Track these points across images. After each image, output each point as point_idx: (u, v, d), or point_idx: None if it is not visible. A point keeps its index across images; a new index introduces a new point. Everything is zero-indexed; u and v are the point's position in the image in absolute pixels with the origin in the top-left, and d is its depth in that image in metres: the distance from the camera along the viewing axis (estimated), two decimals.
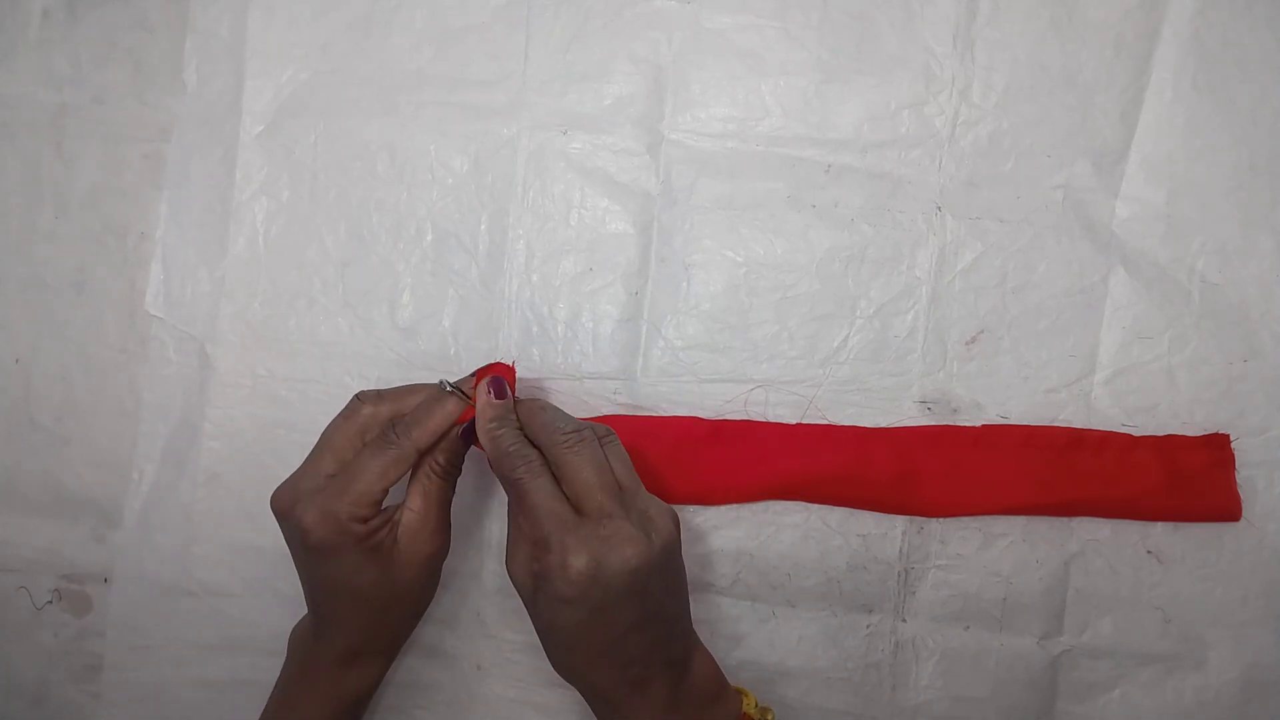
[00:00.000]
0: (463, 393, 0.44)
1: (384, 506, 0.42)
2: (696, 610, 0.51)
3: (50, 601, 0.54)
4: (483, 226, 0.52)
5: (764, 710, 0.44)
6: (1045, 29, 0.49)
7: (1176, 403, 0.49)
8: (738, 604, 0.51)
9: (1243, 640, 0.49)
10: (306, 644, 0.46)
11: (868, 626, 0.50)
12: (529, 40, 0.51)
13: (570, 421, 0.41)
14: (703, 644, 0.44)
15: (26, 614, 0.54)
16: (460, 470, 0.45)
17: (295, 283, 0.52)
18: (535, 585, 0.39)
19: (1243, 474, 0.49)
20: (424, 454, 0.43)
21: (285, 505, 0.41)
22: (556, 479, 0.40)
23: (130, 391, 0.53)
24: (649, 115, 0.51)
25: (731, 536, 0.51)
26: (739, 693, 0.44)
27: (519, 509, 0.40)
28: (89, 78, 0.53)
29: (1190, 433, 0.49)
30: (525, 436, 0.41)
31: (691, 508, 0.50)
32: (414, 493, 0.43)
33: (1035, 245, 0.49)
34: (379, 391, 0.44)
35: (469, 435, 0.43)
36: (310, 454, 0.43)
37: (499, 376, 0.44)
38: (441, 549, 0.45)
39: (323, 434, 0.43)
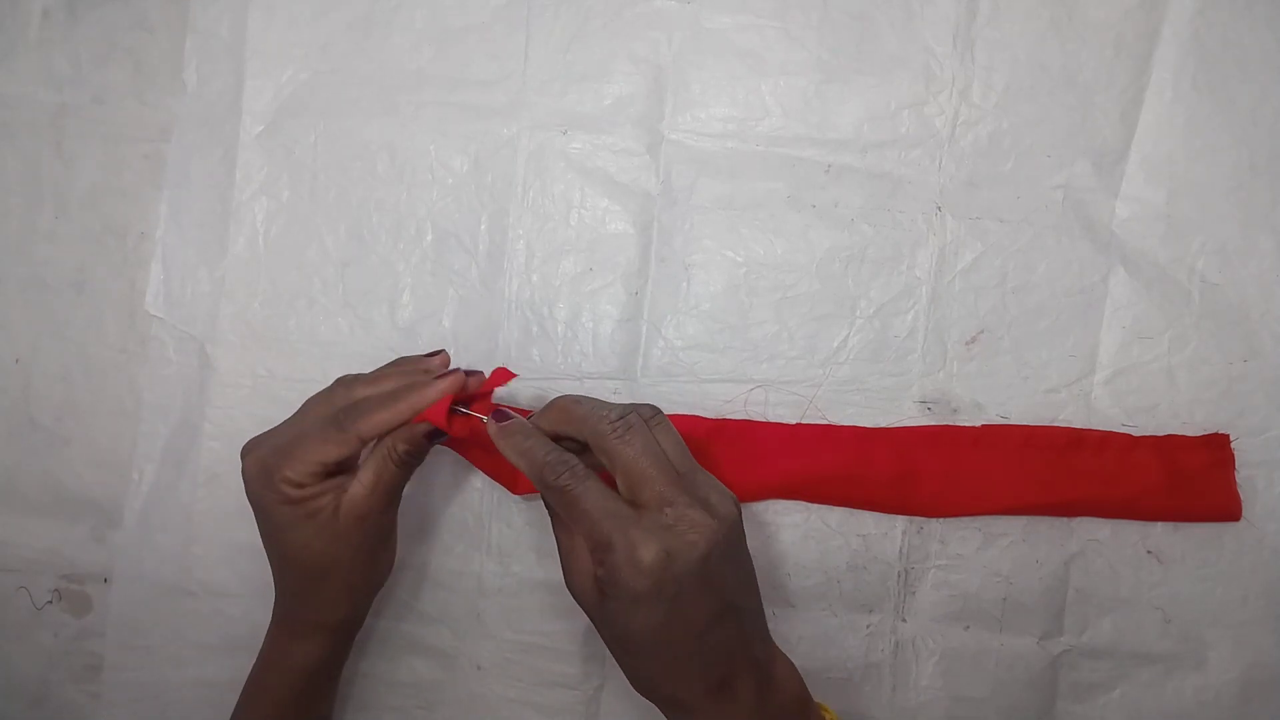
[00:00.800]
0: (464, 410, 0.42)
1: (334, 478, 0.42)
2: None
3: (50, 601, 0.54)
4: (483, 226, 0.52)
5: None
6: (1045, 29, 0.49)
7: (1176, 403, 0.49)
8: None
9: (1243, 640, 0.49)
10: (269, 623, 0.47)
11: (868, 626, 0.50)
12: (529, 40, 0.51)
13: (613, 408, 0.39)
14: (781, 650, 0.41)
15: (26, 614, 0.54)
16: (419, 461, 0.44)
17: (295, 283, 0.52)
18: (602, 592, 0.37)
19: (1243, 474, 0.49)
20: (383, 437, 0.42)
21: (243, 454, 0.42)
22: (606, 475, 0.38)
23: (130, 391, 0.53)
24: (649, 115, 0.51)
25: None
26: (820, 708, 0.42)
27: (571, 517, 0.37)
28: (89, 78, 0.53)
29: (1190, 433, 0.49)
30: (555, 440, 0.40)
31: None
32: (367, 468, 0.42)
33: (1035, 245, 0.49)
34: (356, 376, 0.44)
35: (435, 434, 0.42)
36: (288, 418, 0.43)
37: (500, 410, 0.42)
38: (383, 531, 0.44)
39: (302, 404, 0.44)
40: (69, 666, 0.54)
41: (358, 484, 0.42)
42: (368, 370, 0.51)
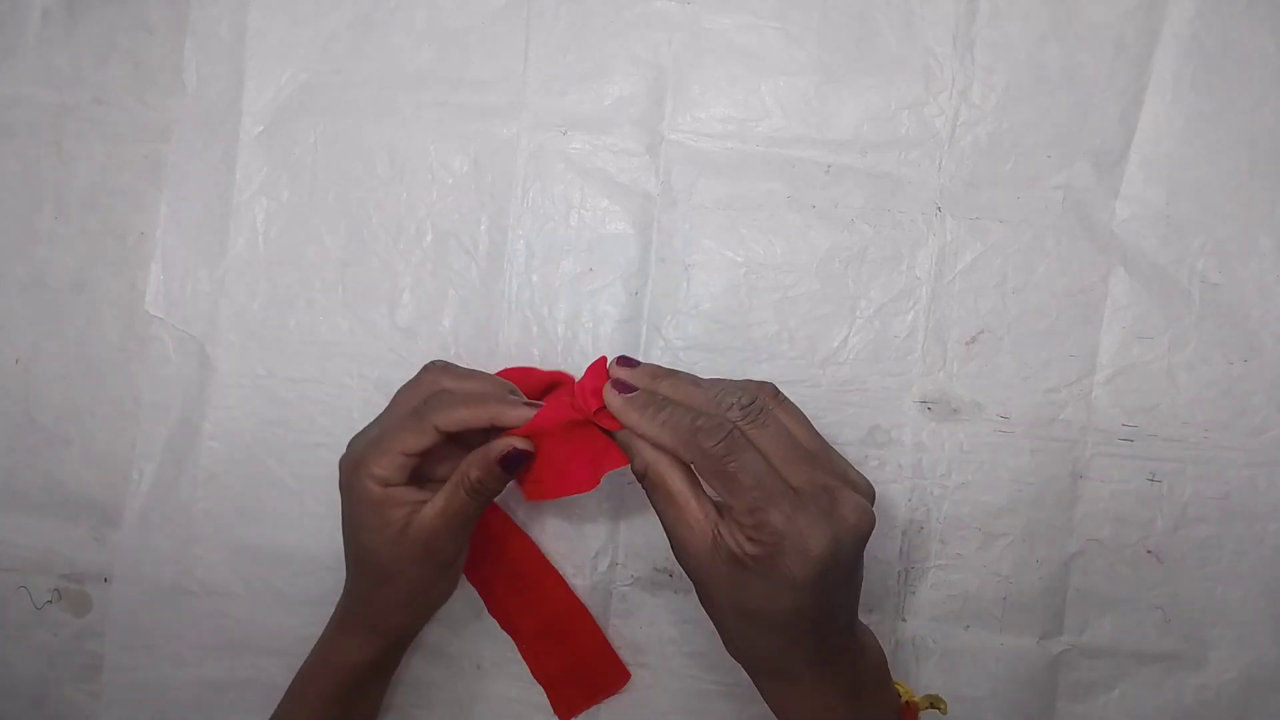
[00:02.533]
0: (527, 402, 0.42)
1: (422, 490, 0.42)
2: (697, 610, 0.51)
3: (50, 601, 0.54)
4: (483, 227, 0.52)
5: (933, 698, 0.42)
6: (1045, 29, 0.49)
7: (1176, 403, 0.49)
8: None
9: (1243, 640, 0.49)
10: (330, 617, 0.47)
11: (868, 626, 0.50)
12: (529, 40, 0.51)
13: (739, 391, 0.38)
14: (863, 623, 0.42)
15: (26, 614, 0.54)
16: (494, 494, 0.43)
17: (295, 283, 0.52)
18: (745, 568, 0.36)
19: (1244, 474, 0.49)
20: (458, 449, 0.42)
21: (348, 446, 0.43)
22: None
23: (130, 391, 0.53)
24: (649, 115, 0.51)
25: None
26: (896, 683, 0.42)
27: (728, 489, 0.36)
28: (89, 78, 0.53)
29: (1190, 433, 0.49)
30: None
31: None
32: (440, 493, 0.42)
33: (1035, 245, 0.49)
34: (446, 364, 0.44)
35: (509, 465, 0.41)
36: (383, 411, 0.44)
37: (621, 381, 0.40)
38: (446, 558, 0.44)
39: (394, 395, 0.44)
40: (69, 666, 0.54)
41: (430, 506, 0.42)
42: (367, 368, 0.51)
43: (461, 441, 0.43)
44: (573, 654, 0.50)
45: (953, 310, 0.50)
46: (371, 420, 0.44)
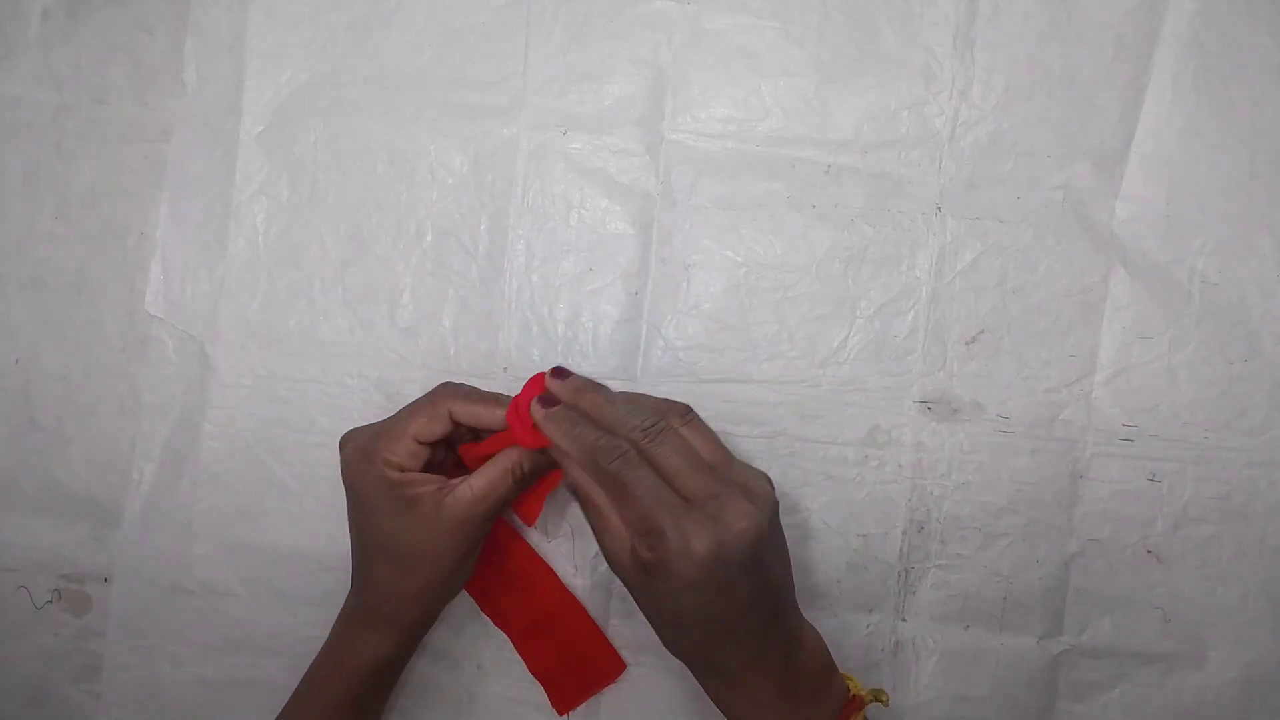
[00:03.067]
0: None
1: (432, 480, 0.43)
2: None
3: (50, 601, 0.54)
4: (483, 226, 0.52)
5: (876, 692, 0.44)
6: (1045, 29, 0.49)
7: (1177, 403, 0.49)
8: None
9: (1243, 640, 0.49)
10: (341, 612, 0.47)
11: (868, 626, 0.50)
12: (529, 40, 0.51)
13: (643, 413, 0.41)
14: (807, 620, 0.44)
15: (26, 614, 0.54)
16: (526, 487, 0.45)
17: (295, 283, 0.52)
18: (649, 574, 0.39)
19: (1244, 474, 0.49)
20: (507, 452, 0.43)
21: (341, 443, 0.44)
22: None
23: (130, 391, 0.53)
24: (649, 115, 0.51)
25: None
26: (845, 677, 0.44)
27: (623, 501, 0.39)
28: (89, 78, 0.53)
29: (1190, 434, 0.49)
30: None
31: None
32: (482, 476, 0.43)
33: (1035, 245, 0.49)
34: (461, 386, 0.45)
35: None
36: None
37: (547, 395, 0.43)
38: (474, 543, 0.44)
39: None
40: (69, 666, 0.54)
41: (467, 487, 0.42)
42: (367, 368, 0.52)
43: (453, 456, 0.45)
44: (566, 646, 0.50)
45: (953, 310, 0.50)
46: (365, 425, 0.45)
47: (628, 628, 0.51)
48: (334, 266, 0.52)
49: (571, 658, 0.50)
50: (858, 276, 0.50)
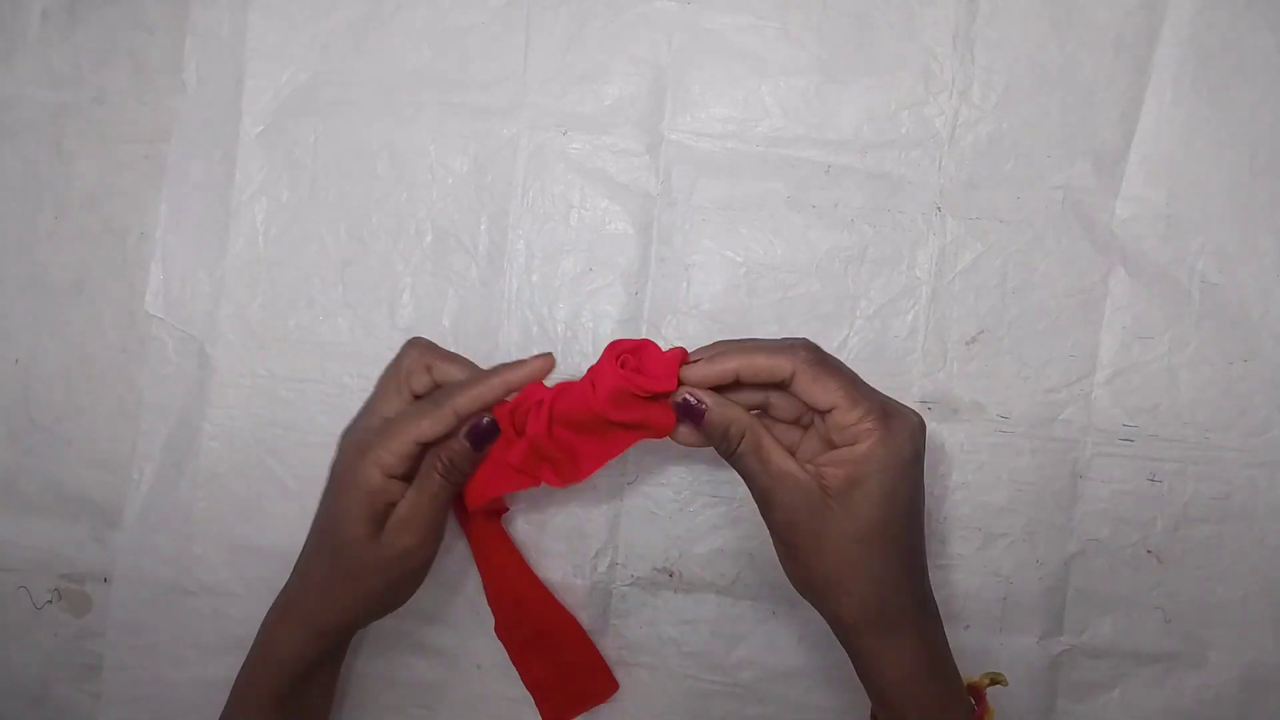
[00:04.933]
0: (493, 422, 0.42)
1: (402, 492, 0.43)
2: (697, 610, 0.51)
3: (50, 601, 0.54)
4: (483, 226, 0.52)
5: (995, 675, 0.44)
6: (1045, 29, 0.49)
7: (1177, 403, 0.49)
8: (738, 604, 0.51)
9: (1243, 640, 0.49)
10: (271, 608, 0.46)
11: None
12: (529, 40, 0.51)
13: (778, 345, 0.41)
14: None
15: (26, 614, 0.54)
16: (465, 477, 0.43)
17: (295, 283, 0.52)
18: (858, 481, 0.38)
19: (1244, 474, 0.49)
20: (434, 445, 0.42)
21: (342, 435, 0.44)
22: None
23: (130, 391, 0.53)
24: (649, 115, 0.51)
25: (732, 536, 0.51)
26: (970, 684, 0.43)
27: (822, 382, 0.39)
28: (89, 78, 0.53)
29: (1191, 433, 0.49)
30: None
31: (692, 507, 0.51)
32: (414, 484, 0.43)
33: (1035, 245, 0.49)
34: (428, 343, 0.45)
35: (477, 439, 0.42)
36: (368, 398, 0.45)
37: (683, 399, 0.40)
38: (419, 550, 0.43)
39: (378, 381, 0.45)
40: (69, 666, 0.54)
41: (404, 500, 0.42)
42: (367, 368, 0.51)
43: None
44: (560, 663, 0.50)
45: (953, 310, 0.50)
46: (360, 408, 0.44)
47: (628, 628, 0.51)
48: (334, 266, 0.52)
49: (564, 674, 0.50)
50: (858, 276, 0.50)
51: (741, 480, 0.41)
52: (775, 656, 0.51)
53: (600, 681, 0.51)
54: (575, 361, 0.51)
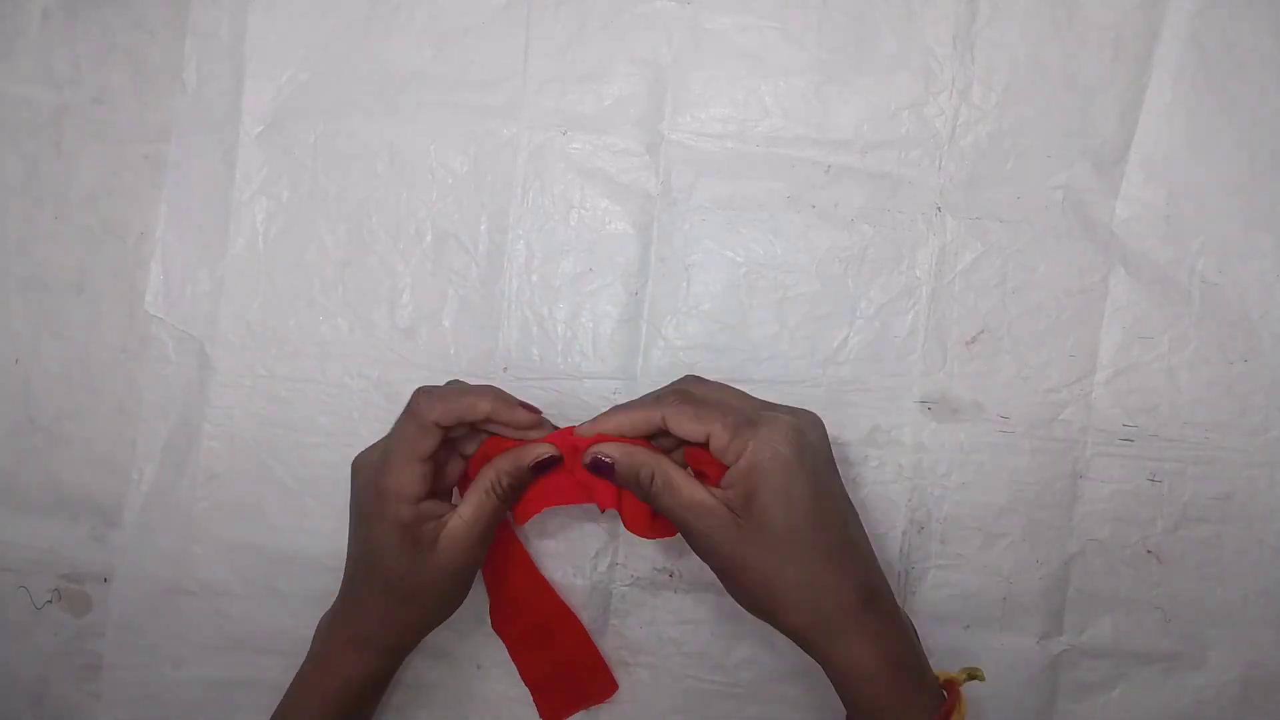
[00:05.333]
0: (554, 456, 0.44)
1: (442, 503, 0.43)
2: (697, 610, 0.51)
3: (50, 601, 0.54)
4: (483, 226, 0.52)
5: (971, 670, 0.44)
6: (1045, 29, 0.49)
7: (1177, 403, 0.49)
8: (738, 604, 0.51)
9: (1243, 640, 0.49)
10: (328, 625, 0.47)
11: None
12: (529, 40, 0.51)
13: (660, 398, 0.43)
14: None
15: (26, 614, 0.54)
16: (516, 498, 0.44)
17: (295, 283, 0.52)
18: (754, 495, 0.39)
19: (1244, 474, 0.49)
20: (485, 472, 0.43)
21: (353, 473, 0.44)
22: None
23: (130, 391, 0.53)
24: (649, 115, 0.51)
25: None
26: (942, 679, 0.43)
27: (696, 416, 0.41)
28: (89, 78, 0.53)
29: (1191, 433, 0.49)
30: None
31: None
32: (468, 502, 0.43)
33: (1035, 245, 0.49)
34: (432, 387, 0.45)
35: (541, 470, 0.43)
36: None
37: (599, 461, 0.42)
38: (475, 564, 0.45)
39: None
40: (69, 666, 0.54)
41: (457, 517, 0.43)
42: (367, 368, 0.51)
43: (457, 453, 0.45)
44: (559, 659, 0.50)
45: (953, 310, 0.50)
46: (368, 448, 0.45)
47: (628, 628, 0.51)
48: (334, 266, 0.52)
49: (564, 670, 0.50)
50: (858, 276, 0.50)
51: None
52: (775, 656, 0.51)
53: (599, 681, 0.51)
54: (575, 362, 0.51)
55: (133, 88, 0.53)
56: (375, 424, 0.52)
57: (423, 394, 0.43)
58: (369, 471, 0.43)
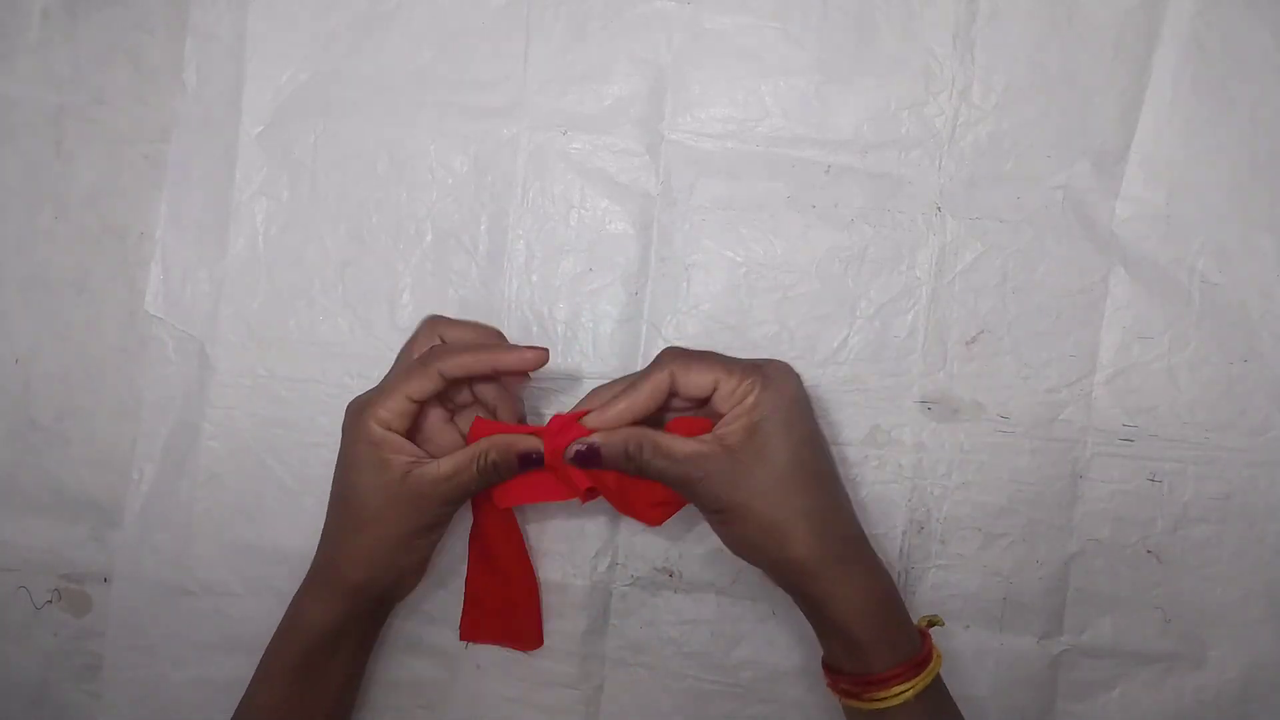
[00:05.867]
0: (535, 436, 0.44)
1: (421, 450, 0.44)
2: (697, 609, 0.51)
3: (50, 601, 0.54)
4: (483, 226, 0.52)
5: (931, 618, 0.46)
6: (1045, 29, 0.49)
7: (1177, 403, 0.49)
8: (738, 603, 0.51)
9: (1243, 640, 0.49)
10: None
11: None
12: (529, 40, 0.51)
13: (640, 377, 0.43)
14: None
15: (26, 614, 0.54)
16: (496, 483, 0.45)
17: (295, 283, 0.52)
18: (757, 429, 0.41)
19: (1244, 473, 0.49)
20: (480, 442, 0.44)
21: (349, 404, 0.45)
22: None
23: (130, 391, 0.53)
24: (649, 115, 0.51)
25: None
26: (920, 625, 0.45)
27: (703, 367, 0.42)
28: (89, 78, 0.53)
29: (1191, 433, 0.49)
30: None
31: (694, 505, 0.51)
32: (452, 459, 0.43)
33: (1035, 245, 0.49)
34: (443, 316, 0.47)
35: (526, 463, 0.44)
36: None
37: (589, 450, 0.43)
38: (428, 524, 0.45)
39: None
40: (69, 666, 0.54)
41: (436, 465, 0.43)
42: (367, 368, 0.51)
43: (459, 409, 0.47)
44: (503, 594, 0.50)
45: (953, 310, 0.50)
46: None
47: (628, 628, 0.51)
48: (334, 266, 0.52)
49: (501, 605, 0.50)
50: (858, 276, 0.50)
51: None
52: (775, 656, 0.51)
53: (529, 633, 0.51)
54: (575, 362, 0.51)
55: (133, 88, 0.53)
56: None
57: (436, 348, 0.45)
58: (358, 402, 0.44)
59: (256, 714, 0.46)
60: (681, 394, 0.43)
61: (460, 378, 0.44)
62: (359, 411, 0.44)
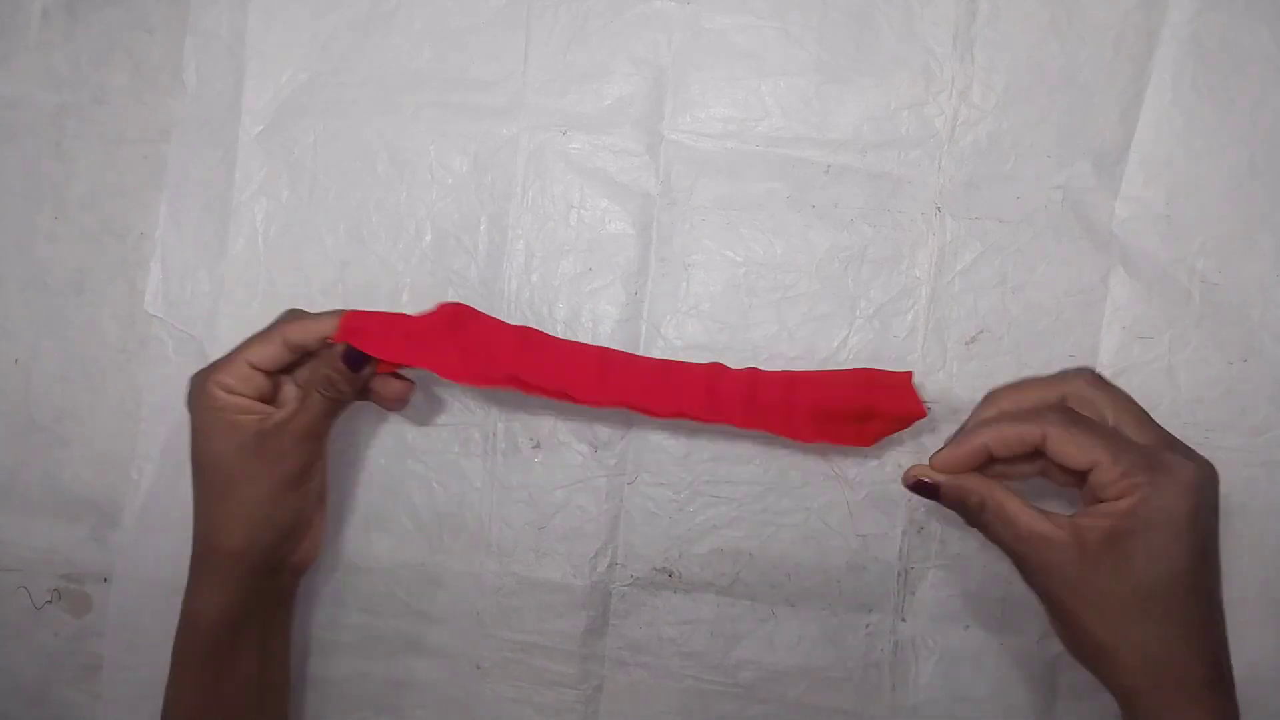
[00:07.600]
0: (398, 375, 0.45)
1: (263, 409, 0.44)
2: (696, 609, 0.51)
3: (50, 601, 0.54)
4: (482, 226, 0.52)
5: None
6: (1045, 29, 0.49)
7: (1177, 402, 0.49)
8: (737, 604, 0.51)
9: (1243, 640, 0.49)
10: None
11: (867, 626, 0.50)
12: (529, 40, 0.51)
13: (1045, 389, 0.40)
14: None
15: (26, 614, 0.54)
16: (346, 398, 0.44)
17: (295, 283, 0.52)
18: (1124, 535, 0.36)
19: (1244, 473, 0.49)
20: (311, 356, 0.45)
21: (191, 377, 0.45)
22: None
23: (130, 391, 0.53)
24: (649, 115, 0.51)
25: (731, 536, 0.51)
26: None
27: (1084, 439, 0.37)
28: (89, 78, 0.53)
29: (1191, 433, 0.49)
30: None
31: (692, 507, 0.51)
32: (293, 395, 0.45)
33: (1035, 245, 0.49)
34: (298, 311, 0.46)
35: (352, 361, 0.43)
36: None
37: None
38: (298, 465, 0.44)
39: None
40: (69, 666, 0.54)
41: (282, 410, 0.44)
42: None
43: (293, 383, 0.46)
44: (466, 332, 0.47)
45: (953, 310, 0.50)
46: None
47: (628, 628, 0.51)
48: (334, 266, 0.52)
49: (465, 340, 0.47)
50: (858, 276, 0.50)
51: (742, 480, 0.41)
52: (775, 656, 0.51)
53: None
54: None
55: (133, 88, 0.53)
56: (374, 423, 0.52)
57: (284, 314, 0.45)
58: (200, 373, 0.44)
59: (173, 710, 0.45)
60: (1050, 459, 0.38)
61: (305, 344, 0.44)
62: (202, 381, 0.44)
